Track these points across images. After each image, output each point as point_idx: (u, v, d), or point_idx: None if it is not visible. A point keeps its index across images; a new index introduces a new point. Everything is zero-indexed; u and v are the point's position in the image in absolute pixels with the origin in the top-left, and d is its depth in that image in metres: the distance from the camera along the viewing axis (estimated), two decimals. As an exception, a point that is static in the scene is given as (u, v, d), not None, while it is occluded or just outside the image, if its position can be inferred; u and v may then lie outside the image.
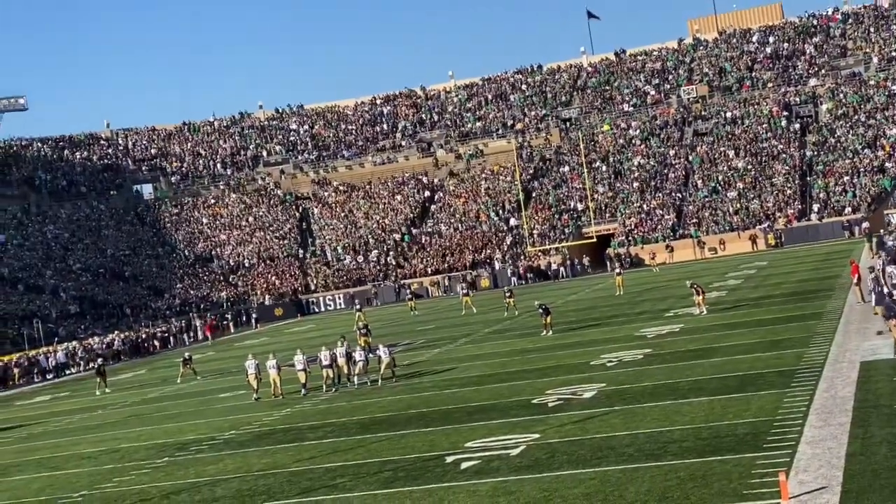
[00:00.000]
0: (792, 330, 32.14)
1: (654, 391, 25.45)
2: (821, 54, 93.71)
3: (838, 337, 29.33)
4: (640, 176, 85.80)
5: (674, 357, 30.33)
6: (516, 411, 25.55)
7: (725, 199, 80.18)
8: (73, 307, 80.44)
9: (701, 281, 44.69)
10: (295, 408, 31.92)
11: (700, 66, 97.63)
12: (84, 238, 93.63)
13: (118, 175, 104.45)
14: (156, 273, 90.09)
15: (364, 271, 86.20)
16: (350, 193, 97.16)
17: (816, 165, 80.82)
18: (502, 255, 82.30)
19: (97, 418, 37.36)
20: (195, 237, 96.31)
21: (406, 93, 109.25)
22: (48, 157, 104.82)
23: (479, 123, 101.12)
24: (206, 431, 29.79)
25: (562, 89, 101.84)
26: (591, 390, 26.68)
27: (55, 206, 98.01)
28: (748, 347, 30.23)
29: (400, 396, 30.93)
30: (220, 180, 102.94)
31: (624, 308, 47.46)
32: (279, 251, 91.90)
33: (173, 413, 35.36)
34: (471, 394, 29.43)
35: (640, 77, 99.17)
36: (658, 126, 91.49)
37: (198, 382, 43.67)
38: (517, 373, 32.11)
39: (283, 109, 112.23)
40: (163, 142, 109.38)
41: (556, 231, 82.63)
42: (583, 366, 31.22)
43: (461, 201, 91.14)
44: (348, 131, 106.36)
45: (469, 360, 37.21)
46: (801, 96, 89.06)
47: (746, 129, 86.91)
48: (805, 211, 76.98)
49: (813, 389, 22.73)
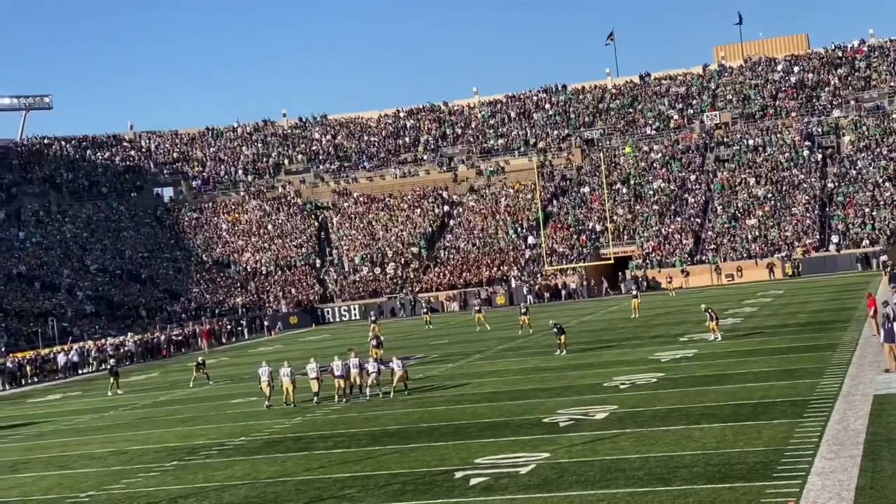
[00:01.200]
0: (806, 360, 32.03)
1: (667, 415, 25.40)
2: (845, 86, 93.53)
3: (852, 369, 29.23)
4: (660, 199, 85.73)
5: (687, 382, 30.26)
6: (527, 429, 25.53)
7: (744, 226, 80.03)
8: (88, 307, 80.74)
9: (717, 307, 44.56)
10: (306, 416, 31.95)
11: (724, 92, 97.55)
12: (102, 238, 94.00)
13: (139, 177, 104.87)
14: (172, 276, 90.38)
15: (381, 283, 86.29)
16: (370, 205, 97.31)
17: (836, 196, 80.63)
18: (519, 273, 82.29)
19: (108, 419, 37.45)
20: (213, 242, 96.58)
21: (429, 107, 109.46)
22: (71, 157, 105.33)
23: (501, 140, 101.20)
24: (217, 436, 29.83)
25: (585, 110, 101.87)
26: (603, 412, 26.65)
27: (75, 205, 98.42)
28: (762, 375, 30.16)
29: (411, 409, 30.93)
30: (241, 186, 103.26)
31: (638, 331, 47.38)
32: (297, 259, 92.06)
33: (184, 417, 35.42)
34: (482, 410, 29.42)
35: (663, 101, 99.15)
36: (680, 150, 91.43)
37: (210, 387, 43.74)
38: (529, 391, 32.07)
39: (306, 118, 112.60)
40: (185, 146, 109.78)
41: (574, 251, 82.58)
42: (595, 387, 31.18)
43: (480, 217, 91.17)
44: (370, 143, 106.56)
45: (482, 376, 37.19)
46: (824, 127, 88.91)
47: (768, 158, 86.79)
48: (823, 241, 76.77)
49: (825, 421, 22.66)
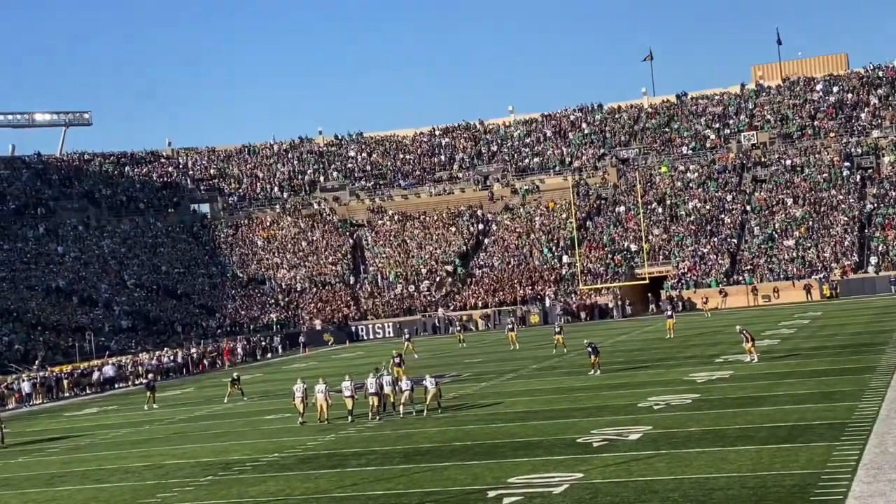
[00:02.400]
0: (844, 383, 31.75)
1: (702, 437, 25.24)
2: (885, 106, 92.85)
3: (891, 392, 28.95)
4: (696, 220, 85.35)
5: (722, 403, 30.06)
6: (561, 449, 25.43)
7: (781, 246, 79.53)
8: (125, 322, 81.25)
9: (753, 329, 44.30)
10: (339, 434, 31.95)
11: (762, 112, 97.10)
12: (140, 254, 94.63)
13: (176, 193, 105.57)
14: (208, 292, 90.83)
15: (415, 301, 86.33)
16: (405, 223, 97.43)
17: (876, 218, 79.99)
18: (553, 292, 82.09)
19: (143, 433, 37.64)
20: (249, 258, 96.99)
21: (465, 125, 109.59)
22: (109, 173, 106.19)
23: (536, 159, 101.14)
24: (250, 452, 29.90)
25: (621, 129, 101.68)
26: (637, 432, 26.51)
27: (113, 220, 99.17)
28: (799, 398, 29.92)
29: (444, 428, 30.89)
30: (277, 203, 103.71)
31: (674, 351, 47.13)
32: (331, 277, 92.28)
33: (219, 432, 35.53)
34: (516, 429, 29.34)
35: (700, 120, 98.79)
36: (716, 170, 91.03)
37: (244, 403, 43.87)
38: (563, 410, 31.97)
39: (342, 136, 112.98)
40: (222, 162, 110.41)
41: (609, 270, 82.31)
42: (630, 407, 31.03)
43: (515, 236, 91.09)
44: (406, 161, 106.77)
45: (515, 395, 37.09)
46: (863, 147, 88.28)
47: (806, 178, 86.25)
48: (862, 263, 76.15)
49: (863, 444, 22.44)
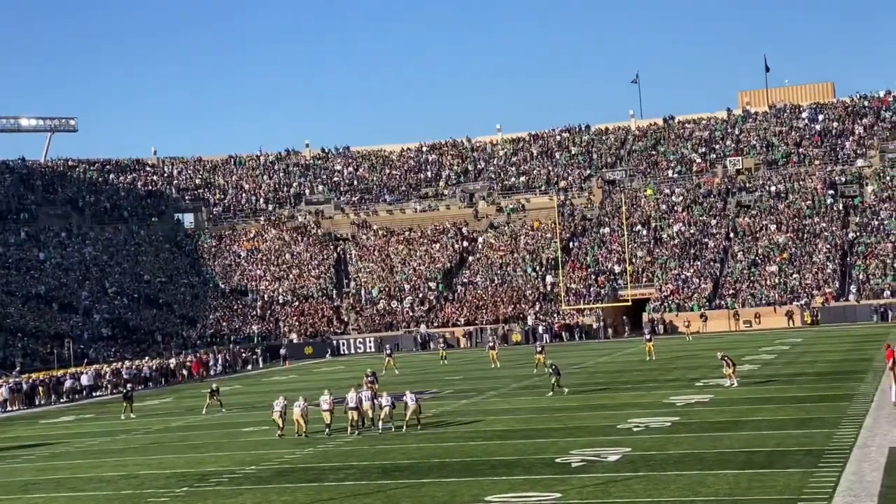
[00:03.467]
0: (822, 409, 31.83)
1: (680, 460, 25.24)
2: (870, 136, 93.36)
3: (869, 420, 29.02)
4: (680, 243, 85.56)
5: (701, 427, 30.09)
6: (539, 468, 25.41)
7: (764, 272, 79.75)
8: (105, 330, 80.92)
9: (734, 353, 44.39)
10: (318, 447, 31.86)
11: (748, 138, 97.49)
12: (122, 262, 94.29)
13: (161, 202, 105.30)
14: (189, 302, 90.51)
15: (397, 317, 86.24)
16: (389, 238, 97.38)
17: (858, 246, 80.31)
18: (535, 312, 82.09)
19: (119, 443, 37.45)
20: (232, 270, 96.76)
21: (452, 142, 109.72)
22: (93, 180, 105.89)
23: (522, 178, 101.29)
24: (227, 464, 29.77)
25: (608, 151, 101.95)
26: (616, 454, 26.50)
27: (96, 228, 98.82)
28: (777, 423, 29.97)
29: (423, 444, 30.83)
30: (261, 215, 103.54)
31: (654, 374, 47.16)
32: (314, 290, 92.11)
33: (196, 443, 35.38)
34: (495, 447, 29.29)
35: (686, 144, 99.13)
36: (701, 195, 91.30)
37: (223, 414, 43.70)
38: (543, 430, 31.95)
39: (329, 149, 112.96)
40: (207, 172, 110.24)
41: (592, 291, 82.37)
42: (609, 428, 31.02)
43: (499, 254, 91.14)
44: (392, 176, 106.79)
45: (495, 413, 37.06)
46: (847, 176, 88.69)
47: (790, 205, 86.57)
48: (843, 291, 76.41)
49: (840, 471, 22.49)
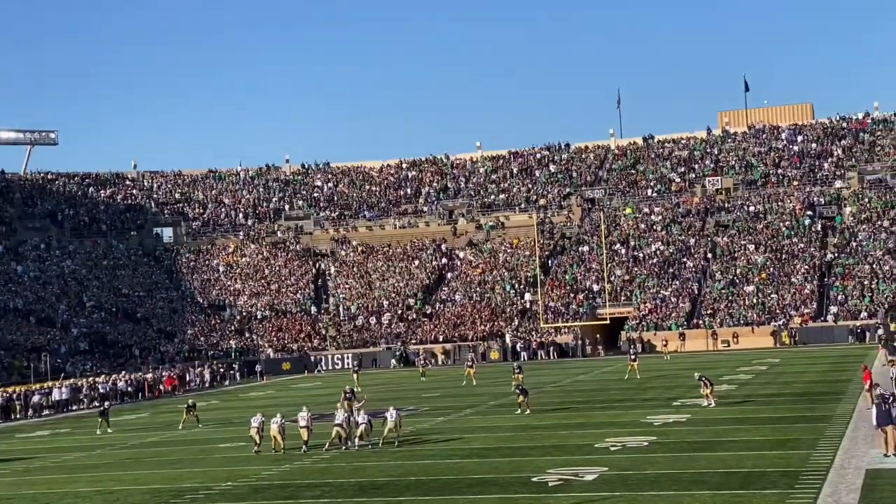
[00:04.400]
0: (799, 430, 31.90)
1: (657, 480, 25.25)
2: (848, 157, 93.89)
3: (846, 442, 29.09)
4: (659, 262, 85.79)
5: (679, 447, 30.12)
6: (516, 488, 25.37)
7: (742, 292, 80.00)
8: (82, 344, 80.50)
9: (712, 373, 44.49)
10: (294, 464, 31.74)
11: (727, 158, 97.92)
12: (100, 276, 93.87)
13: (140, 216, 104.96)
14: (167, 317, 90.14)
15: (375, 333, 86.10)
16: (368, 254, 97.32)
17: (836, 267, 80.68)
18: (513, 330, 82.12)
19: (95, 458, 37.22)
20: (210, 284, 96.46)
21: (432, 159, 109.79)
22: (73, 193, 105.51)
23: (502, 196, 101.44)
24: (203, 480, 29.62)
25: (588, 169, 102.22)
26: (593, 473, 26.48)
27: (75, 241, 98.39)
28: (754, 444, 30.03)
29: (400, 462, 30.75)
30: (241, 230, 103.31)
31: (631, 393, 47.19)
32: (292, 306, 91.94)
33: (172, 459, 35.19)
34: (472, 465, 29.24)
35: (666, 164, 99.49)
36: (680, 214, 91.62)
37: (199, 430, 43.50)
38: (520, 449, 31.90)
39: (309, 165, 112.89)
40: (187, 187, 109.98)
41: (570, 310, 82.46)
42: (586, 447, 31.01)
43: (478, 272, 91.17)
44: (372, 192, 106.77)
45: (473, 431, 37.00)
46: (826, 197, 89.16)
47: (768, 225, 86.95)
48: (821, 311, 76.71)
49: (817, 493, 22.53)
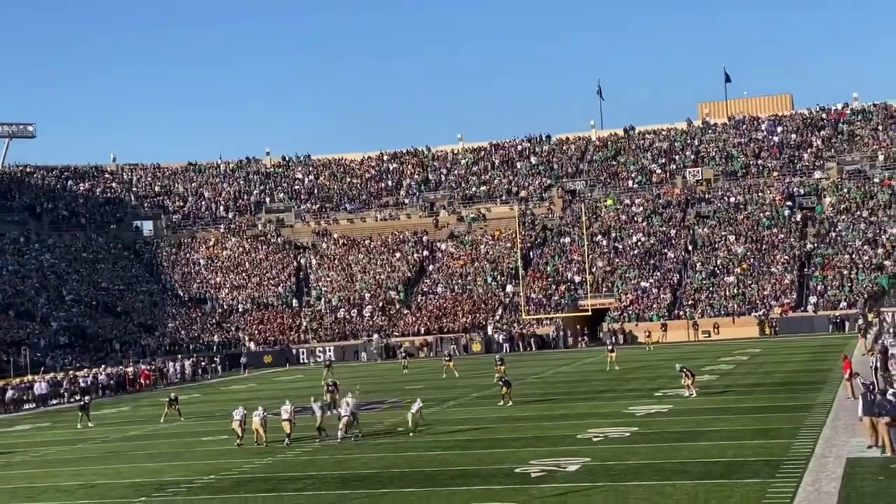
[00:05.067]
0: (780, 420, 32.02)
1: (639, 470, 25.32)
2: (827, 148, 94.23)
3: (826, 431, 29.21)
4: (640, 253, 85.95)
5: (661, 437, 30.18)
6: (499, 479, 25.39)
7: (723, 283, 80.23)
8: (62, 338, 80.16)
9: (693, 363, 44.64)
10: (277, 457, 31.70)
11: (707, 149, 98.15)
12: (80, 269, 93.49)
13: (119, 209, 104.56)
14: (148, 310, 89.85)
15: (357, 326, 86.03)
16: (350, 247, 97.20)
17: (815, 258, 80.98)
18: (495, 321, 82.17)
19: (77, 452, 37.10)
20: (191, 278, 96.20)
21: (413, 151, 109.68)
22: (51, 186, 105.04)
23: (483, 188, 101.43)
24: (185, 474, 29.55)
25: (569, 161, 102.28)
26: (576, 464, 26.53)
27: (54, 235, 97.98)
28: (736, 434, 30.14)
29: (383, 454, 30.74)
30: (221, 223, 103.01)
31: (613, 384, 47.29)
32: (274, 298, 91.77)
33: (154, 453, 35.10)
34: (454, 457, 29.26)
35: (646, 155, 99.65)
36: (661, 205, 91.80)
37: (181, 424, 43.39)
38: (502, 440, 31.94)
39: (289, 158, 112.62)
40: (167, 180, 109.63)
41: (552, 301, 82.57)
42: (569, 438, 31.06)
43: (459, 263, 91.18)
44: (353, 185, 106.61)
45: (455, 423, 37.02)
46: (805, 188, 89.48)
47: (748, 216, 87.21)
48: (801, 302, 76.99)
49: (798, 482, 22.62)
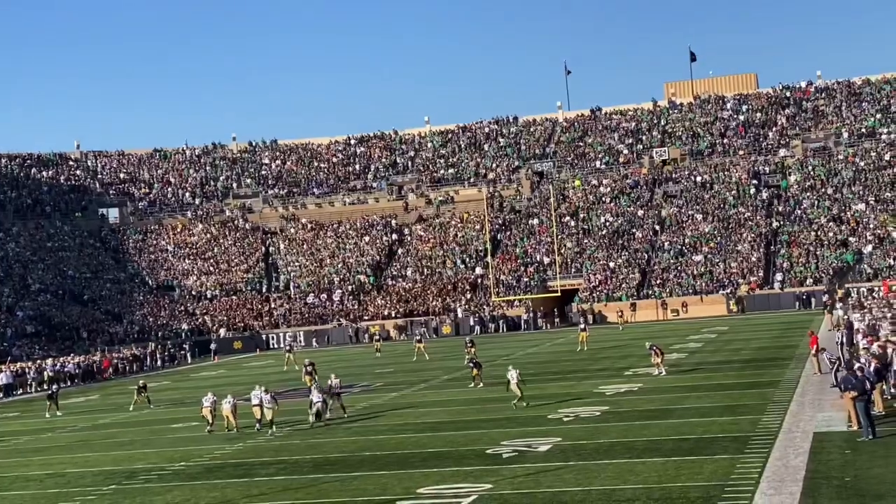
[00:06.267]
0: (748, 396, 32.29)
1: (610, 448, 25.47)
2: (792, 126, 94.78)
3: (793, 406, 29.49)
4: (608, 234, 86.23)
5: (631, 416, 30.37)
6: (470, 460, 25.48)
7: (690, 262, 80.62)
8: (29, 327, 79.63)
9: (662, 342, 44.86)
10: (248, 443, 31.66)
11: (674, 129, 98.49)
12: (45, 258, 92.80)
13: (84, 197, 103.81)
14: (115, 298, 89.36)
15: (327, 310, 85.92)
16: (318, 231, 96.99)
17: (781, 235, 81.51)
18: (466, 303, 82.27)
19: (45, 441, 36.93)
20: (158, 265, 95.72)
21: (380, 135, 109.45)
22: (15, 175, 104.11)
23: (451, 170, 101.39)
24: (156, 461, 29.48)
25: (536, 142, 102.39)
26: (547, 444, 26.66)
27: (18, 223, 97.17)
28: (705, 411, 30.36)
29: (355, 438, 30.78)
30: (188, 209, 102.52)
31: (584, 364, 47.49)
32: (242, 284, 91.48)
33: (123, 441, 34.99)
34: (426, 440, 29.33)
35: (613, 136, 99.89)
36: (628, 185, 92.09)
37: (150, 411, 43.26)
38: (473, 422, 32.04)
39: (256, 143, 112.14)
40: (132, 167, 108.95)
41: (521, 283, 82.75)
42: (540, 419, 31.19)
43: (428, 246, 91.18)
44: (320, 169, 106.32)
45: (426, 405, 37.11)
46: (771, 166, 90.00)
47: (715, 195, 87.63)
48: (768, 279, 77.50)
49: (766, 457, 22.83)
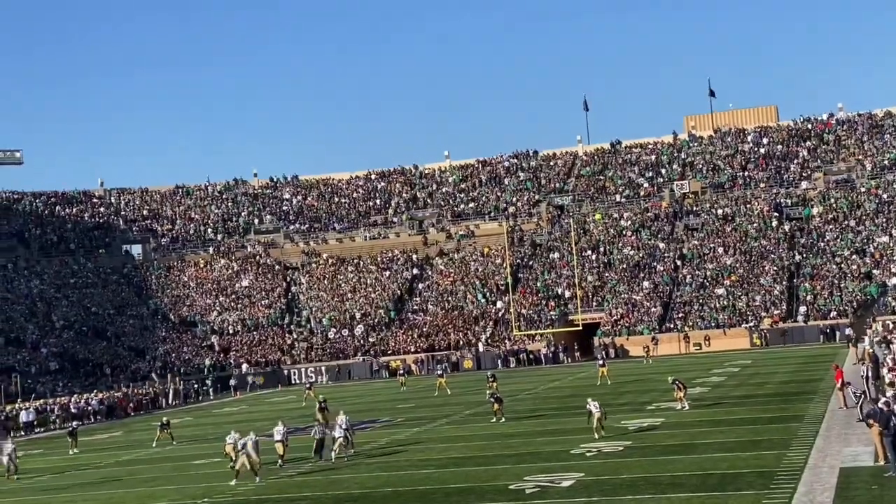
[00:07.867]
0: (773, 431, 32.04)
1: (633, 484, 25.30)
2: (814, 158, 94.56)
3: (819, 441, 29.25)
4: (629, 267, 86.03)
5: (654, 451, 30.17)
6: (493, 496, 25.36)
7: (713, 295, 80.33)
8: (53, 363, 79.88)
9: (684, 376, 44.65)
10: (270, 479, 31.59)
11: (694, 162, 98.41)
12: (69, 295, 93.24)
13: (108, 234, 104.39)
14: (138, 334, 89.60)
15: (348, 345, 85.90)
16: (339, 266, 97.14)
17: (804, 268, 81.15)
18: (486, 338, 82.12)
19: (68, 478, 36.94)
20: (181, 301, 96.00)
21: (400, 170, 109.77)
22: (39, 212, 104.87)
23: (471, 205, 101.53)
24: (178, 498, 29.45)
25: (556, 176, 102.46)
26: (570, 479, 26.51)
27: (43, 261, 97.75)
28: (729, 446, 30.14)
29: (377, 474, 30.68)
30: (210, 245, 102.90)
31: (606, 398, 47.18)
32: (264, 320, 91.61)
33: (146, 477, 34.97)
34: (448, 475, 29.20)
35: (633, 169, 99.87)
36: (649, 218, 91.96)
37: (173, 447, 43.25)
38: (496, 457, 31.90)
39: (277, 179, 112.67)
40: (155, 203, 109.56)
41: (542, 317, 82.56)
42: (562, 454, 31.03)
43: (449, 281, 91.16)
44: (341, 204, 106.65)
45: (448, 441, 36.97)
46: (793, 198, 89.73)
47: (737, 228, 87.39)
48: (791, 312, 77.10)
49: (792, 493, 22.64)
